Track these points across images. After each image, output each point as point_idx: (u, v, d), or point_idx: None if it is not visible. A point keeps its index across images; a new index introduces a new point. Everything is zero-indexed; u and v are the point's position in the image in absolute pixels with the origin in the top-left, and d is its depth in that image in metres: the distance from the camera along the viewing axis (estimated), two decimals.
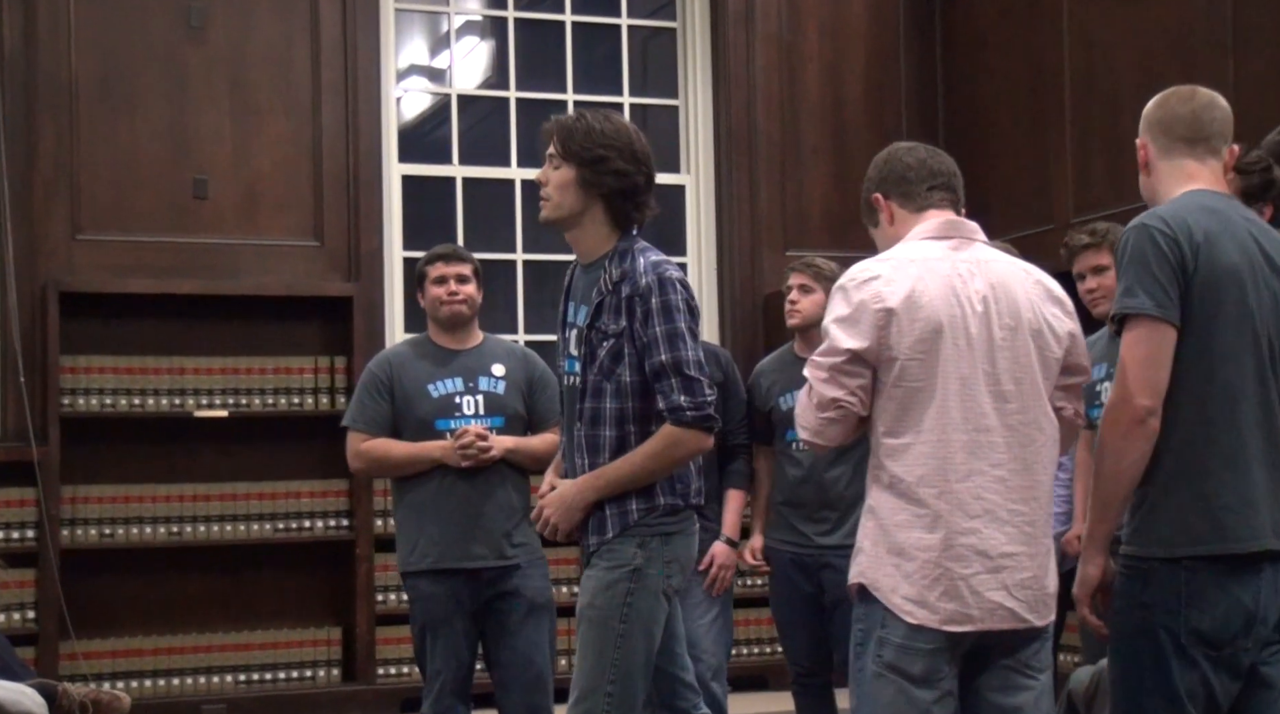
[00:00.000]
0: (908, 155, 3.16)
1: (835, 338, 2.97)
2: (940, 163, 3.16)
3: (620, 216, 3.48)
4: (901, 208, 3.12)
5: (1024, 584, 2.96)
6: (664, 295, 3.37)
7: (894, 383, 2.95)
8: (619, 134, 3.46)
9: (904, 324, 2.94)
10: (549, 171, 3.49)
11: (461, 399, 4.60)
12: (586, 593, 3.43)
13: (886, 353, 2.95)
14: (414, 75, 7.51)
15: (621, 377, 3.40)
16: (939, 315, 2.95)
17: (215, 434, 6.58)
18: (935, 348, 2.94)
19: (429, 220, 7.21)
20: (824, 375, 2.97)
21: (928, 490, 2.93)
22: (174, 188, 6.67)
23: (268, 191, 6.79)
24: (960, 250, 3.05)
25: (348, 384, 6.57)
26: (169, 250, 6.63)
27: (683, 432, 3.37)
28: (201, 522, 6.47)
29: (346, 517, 6.61)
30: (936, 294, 2.97)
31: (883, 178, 3.15)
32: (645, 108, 7.64)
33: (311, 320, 6.74)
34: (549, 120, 3.54)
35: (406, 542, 4.54)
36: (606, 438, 3.42)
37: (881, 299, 2.95)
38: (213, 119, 6.75)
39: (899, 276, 2.97)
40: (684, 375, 3.37)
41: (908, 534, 2.94)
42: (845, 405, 2.97)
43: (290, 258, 6.79)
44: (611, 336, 3.40)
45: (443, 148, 7.31)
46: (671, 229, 7.53)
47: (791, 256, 6.98)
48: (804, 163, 7.49)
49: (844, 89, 7.58)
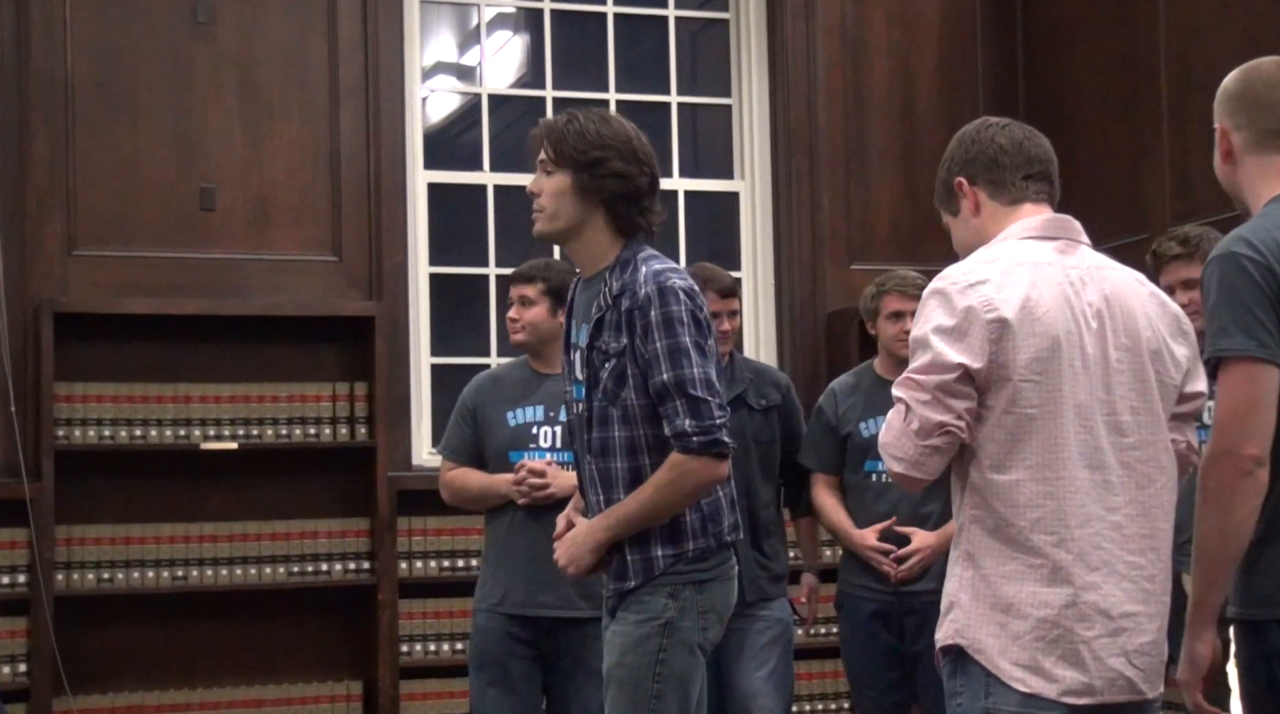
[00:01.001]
0: (1001, 134, 3.01)
1: (940, 351, 2.81)
2: (1038, 147, 3.02)
3: (623, 224, 3.46)
4: (991, 198, 2.99)
5: (1143, 650, 2.87)
6: (665, 306, 3.35)
7: (1005, 408, 2.81)
8: (616, 133, 3.45)
9: (1019, 338, 2.80)
10: (541, 180, 3.49)
11: (539, 430, 4.65)
12: (614, 650, 3.40)
13: (999, 372, 2.80)
14: (441, 74, 7.50)
15: (628, 400, 3.39)
16: (1056, 329, 2.82)
17: (224, 469, 6.57)
18: (1053, 367, 2.82)
19: (458, 232, 7.20)
20: (926, 397, 2.80)
21: (1044, 537, 2.80)
22: (179, 199, 6.67)
23: (281, 202, 6.80)
24: (1068, 254, 2.93)
25: (368, 413, 6.59)
26: (173, 267, 6.64)
27: (690, 460, 3.33)
28: (209, 565, 6.46)
29: (368, 559, 6.60)
30: (1052, 306, 2.84)
31: (969, 159, 3.00)
32: (695, 108, 7.63)
33: (329, 343, 6.74)
34: (537, 125, 3.54)
35: (481, 580, 4.67)
36: (618, 470, 3.42)
37: (994, 307, 2.80)
38: (221, 123, 6.75)
39: (1011, 282, 2.83)
40: (688, 396, 3.33)
41: (1018, 588, 2.81)
42: (953, 431, 2.81)
43: (306, 274, 6.80)
44: (613, 356, 3.39)
45: (473, 153, 7.29)
46: (724, 241, 7.54)
47: (858, 271, 7.11)
48: (870, 167, 7.48)
49: (914, 85, 7.55)
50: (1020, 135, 3.02)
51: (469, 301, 7.20)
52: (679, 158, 7.50)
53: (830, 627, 6.18)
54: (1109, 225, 6.80)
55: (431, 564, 6.62)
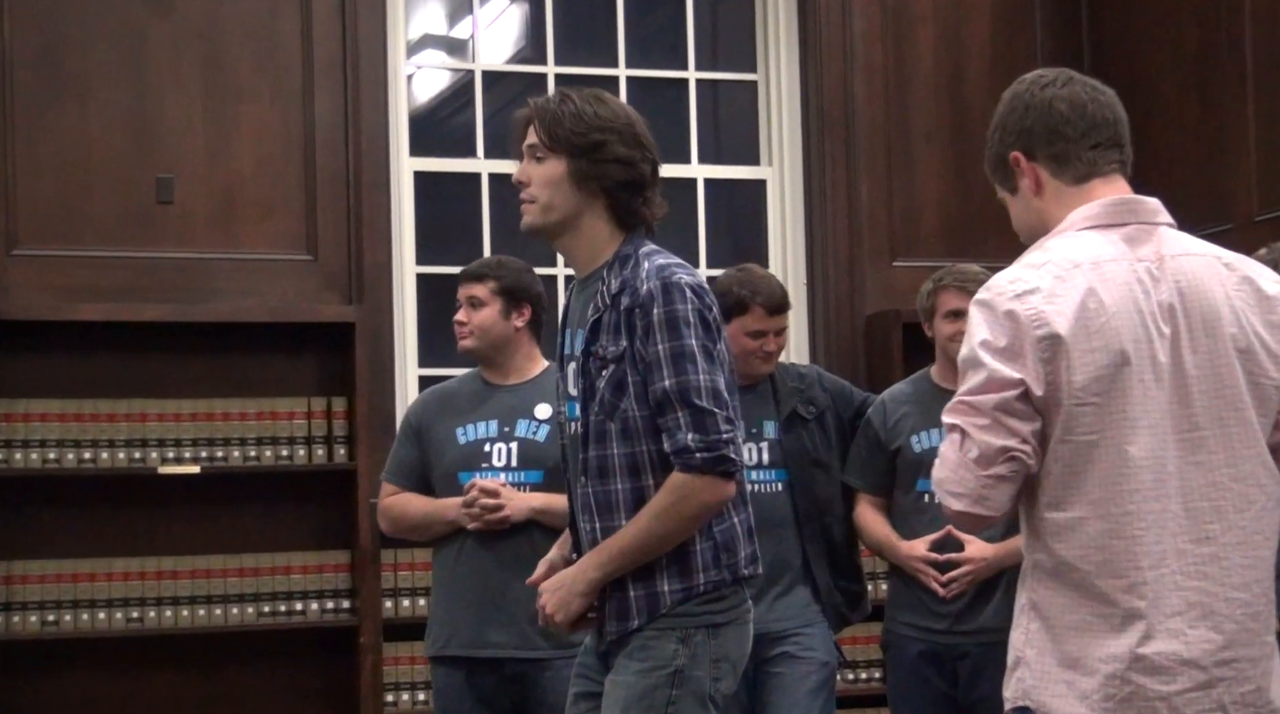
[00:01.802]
0: (1060, 98, 2.91)
1: (995, 368, 2.76)
2: (1105, 107, 2.93)
3: (624, 215, 3.48)
4: (1055, 176, 2.91)
5: (1245, 700, 2.81)
6: (669, 304, 3.34)
7: (1059, 437, 2.76)
8: (617, 115, 3.48)
9: (1075, 357, 2.74)
10: (531, 168, 3.50)
11: (493, 447, 4.65)
12: (616, 704, 3.38)
13: (1052, 395, 2.75)
14: (429, 48, 7.49)
15: (628, 412, 3.38)
16: (1121, 341, 2.77)
17: (185, 496, 6.57)
18: (1118, 386, 2.76)
19: (448, 227, 7.22)
20: (984, 420, 2.76)
21: (1112, 581, 2.76)
22: (133, 190, 6.66)
23: (248, 194, 6.80)
24: (1139, 243, 2.86)
25: (348, 432, 6.58)
26: (126, 268, 6.62)
27: (693, 479, 3.32)
28: (168, 605, 6.44)
29: (348, 597, 6.59)
30: (1117, 311, 2.78)
31: (1024, 128, 2.92)
32: (716, 84, 7.62)
33: (304, 353, 6.76)
34: (525, 106, 3.55)
35: (430, 620, 4.70)
36: (619, 493, 3.40)
37: (1044, 321, 2.75)
38: (181, 105, 6.74)
39: (1064, 289, 2.77)
40: (692, 406, 3.32)
41: (1085, 640, 2.78)
42: (1019, 456, 2.76)
43: (277, 275, 6.79)
44: (611, 362, 3.39)
45: (465, 137, 7.30)
46: (749, 235, 7.54)
47: (901, 269, 7.17)
48: (915, 151, 7.48)
49: (965, 58, 7.55)
50: (1084, 95, 2.92)
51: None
52: (698, 141, 7.50)
53: (874, 671, 6.32)
54: (1188, 215, 6.57)
55: (420, 603, 6.59)
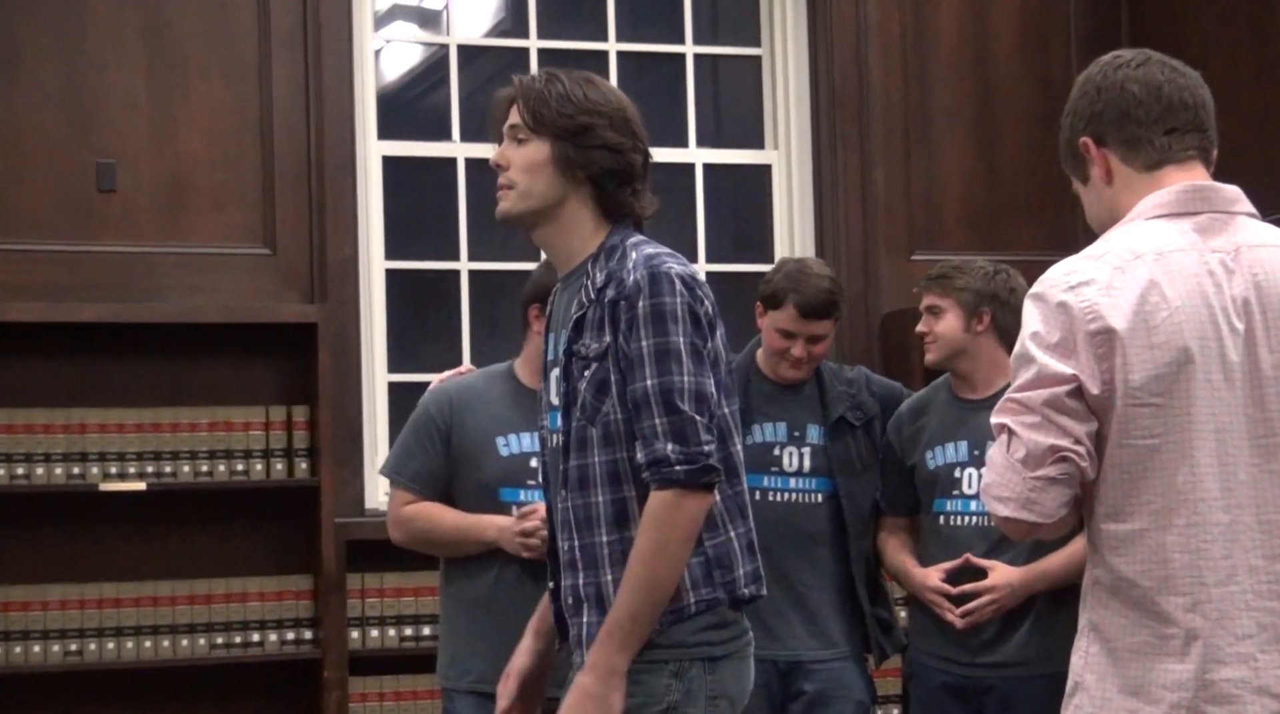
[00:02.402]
0: (1134, 78, 2.95)
1: (1046, 362, 2.81)
2: (1184, 89, 2.97)
3: (611, 206, 3.49)
4: (1126, 163, 2.95)
5: None
6: (656, 297, 3.34)
7: (1116, 441, 2.79)
8: (608, 99, 3.50)
9: (1132, 353, 2.78)
10: (510, 150, 3.51)
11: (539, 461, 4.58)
12: None
13: (1107, 394, 2.79)
14: (398, 20, 7.45)
15: (610, 416, 3.38)
16: (1185, 337, 2.80)
17: (129, 515, 6.53)
18: (1181, 386, 2.79)
19: (421, 217, 7.22)
20: (1033, 418, 2.81)
21: (1175, 600, 2.78)
22: (70, 177, 6.62)
23: (199, 181, 6.76)
24: (1213, 234, 2.88)
25: (310, 444, 6.52)
26: (63, 263, 6.57)
27: (674, 496, 3.29)
28: (110, 637, 6.39)
29: (310, 627, 6.54)
30: (1182, 305, 2.81)
31: (1095, 113, 2.96)
32: (716, 60, 7.61)
33: (261, 357, 6.73)
34: (510, 84, 3.57)
35: (449, 648, 4.65)
36: (599, 505, 3.40)
37: (1098, 315, 2.79)
38: (123, 83, 6.69)
39: (1123, 281, 2.81)
40: (673, 410, 3.30)
41: (1148, 664, 2.80)
42: (1070, 456, 2.79)
43: (231, 271, 6.75)
44: (594, 360, 3.40)
45: (439, 119, 7.29)
46: (753, 225, 7.55)
47: (920, 263, 7.10)
48: (935, 133, 7.45)
49: (991, 30, 7.52)
50: (1160, 77, 2.96)
51: (435, 304, 7.24)
52: (696, 123, 7.48)
53: (892, 708, 6.48)
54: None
55: (389, 632, 6.59)
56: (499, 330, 7.20)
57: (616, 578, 3.36)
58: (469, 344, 7.09)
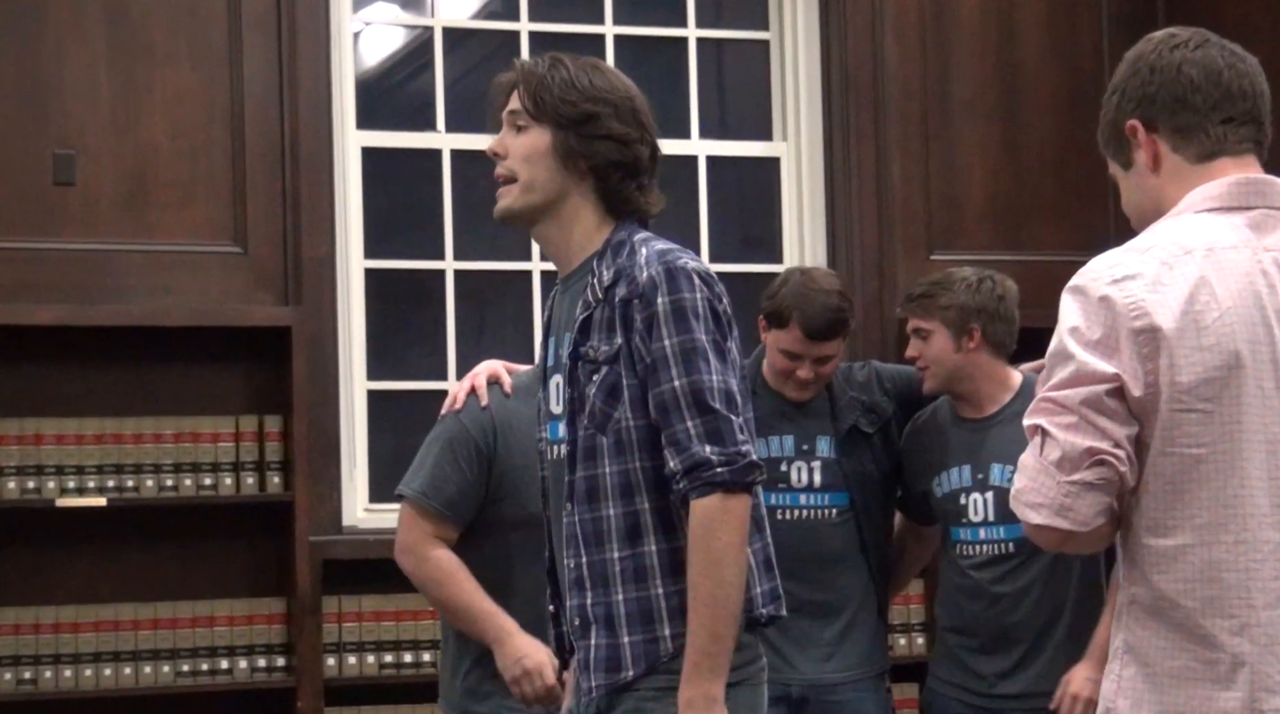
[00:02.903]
0: (1191, 61, 2.91)
1: (1085, 360, 2.78)
2: (1244, 76, 2.93)
3: (615, 202, 3.52)
4: (1176, 151, 2.92)
5: None
6: (675, 292, 3.37)
7: (1160, 449, 2.77)
8: (615, 87, 3.53)
9: (1179, 355, 2.76)
10: (509, 138, 3.54)
11: None
12: None
13: (1151, 397, 2.77)
14: (379, 1, 7.44)
15: (622, 422, 3.40)
16: (1236, 340, 2.79)
17: (89, 533, 6.51)
18: (1231, 392, 2.78)
19: (403, 213, 7.23)
20: (1070, 417, 2.77)
21: (1221, 622, 2.76)
22: (25, 169, 6.60)
23: (164, 173, 6.73)
24: (1267, 231, 2.87)
25: (283, 457, 6.52)
26: (17, 261, 6.54)
27: (720, 500, 3.31)
28: (68, 664, 6.38)
29: (283, 653, 6.53)
30: (1233, 305, 2.80)
31: (1148, 95, 2.94)
32: (720, 44, 7.62)
33: (231, 363, 6.73)
34: (511, 68, 3.60)
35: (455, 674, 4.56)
36: (610, 520, 3.42)
37: (1144, 311, 2.77)
38: (82, 67, 6.67)
39: (1171, 277, 2.80)
40: (707, 411, 3.33)
41: (1190, 692, 2.78)
42: (1109, 460, 2.76)
43: (199, 271, 6.73)
44: (604, 363, 3.42)
45: (422, 107, 7.30)
46: (760, 221, 7.56)
47: (939, 263, 7.14)
48: (956, 124, 7.45)
49: (1016, 12, 7.53)
50: (1220, 61, 2.93)
51: (418, 307, 7.25)
52: (699, 112, 7.48)
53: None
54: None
55: (368, 659, 6.58)
56: (486, 335, 7.22)
57: (629, 597, 3.37)
58: (454, 349, 7.08)
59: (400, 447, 6.49)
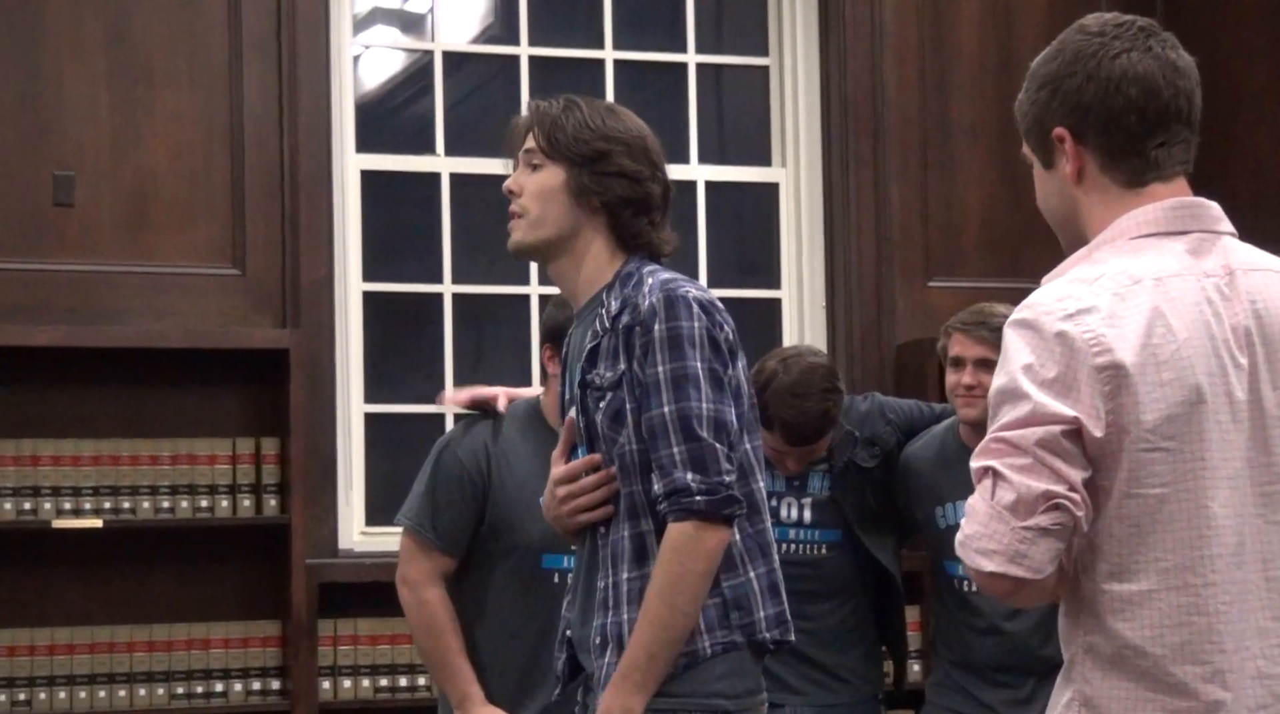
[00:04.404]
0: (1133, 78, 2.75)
1: (1041, 402, 2.64)
2: (1181, 92, 2.77)
3: (627, 237, 3.59)
4: (1104, 171, 2.78)
5: None
6: (672, 320, 3.42)
7: (1125, 491, 2.65)
8: (627, 127, 3.60)
9: (1142, 392, 2.65)
10: (524, 176, 3.61)
11: None
12: None
13: (1115, 438, 2.65)
14: (379, 24, 7.48)
15: (626, 447, 3.46)
16: (1195, 374, 2.68)
17: (84, 554, 6.51)
18: (1194, 429, 2.68)
19: (402, 236, 7.23)
20: (1024, 460, 2.63)
21: (1191, 669, 2.66)
22: (24, 190, 6.61)
23: (163, 195, 6.74)
24: (1203, 255, 2.76)
25: (280, 479, 6.51)
26: (16, 282, 6.56)
27: (694, 529, 3.36)
28: (62, 686, 6.37)
29: (278, 676, 6.54)
30: (1188, 337, 2.70)
31: (1080, 104, 2.77)
32: (719, 70, 7.63)
33: (228, 385, 6.73)
34: (527, 110, 3.69)
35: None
36: (621, 542, 3.48)
37: (1106, 347, 2.65)
38: (82, 89, 6.67)
39: (1126, 309, 2.68)
40: (692, 438, 3.38)
41: None
42: (1065, 505, 2.62)
43: (197, 293, 6.74)
44: (608, 389, 3.48)
45: (421, 131, 7.30)
46: (758, 248, 7.57)
47: (937, 290, 7.19)
48: (956, 149, 7.46)
49: (1016, 39, 7.50)
50: (1160, 78, 2.76)
51: (416, 330, 7.22)
52: (698, 137, 7.49)
53: None
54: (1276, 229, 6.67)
55: (364, 683, 6.57)
56: (485, 359, 7.21)
57: (632, 616, 3.41)
58: (452, 374, 7.08)
59: (397, 470, 6.54)
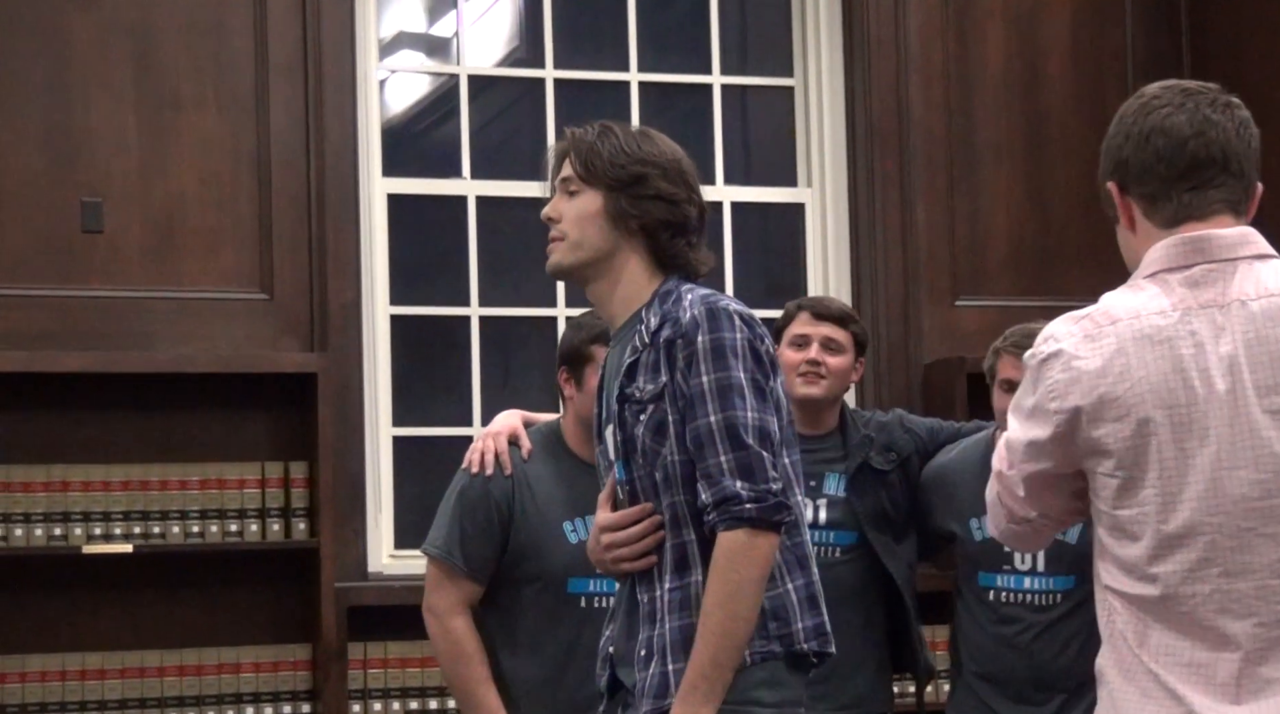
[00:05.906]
0: (1160, 130, 2.96)
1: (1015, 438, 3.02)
2: (1213, 143, 2.95)
3: (664, 259, 3.64)
4: (1147, 216, 2.99)
5: None
6: (715, 332, 3.48)
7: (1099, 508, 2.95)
8: (662, 151, 3.65)
9: (1094, 431, 2.88)
10: (563, 203, 3.67)
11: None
12: None
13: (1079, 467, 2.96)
14: (405, 49, 7.49)
15: (668, 459, 3.50)
16: (1146, 407, 2.85)
17: (115, 579, 6.52)
18: (1146, 459, 2.86)
19: (429, 260, 7.25)
20: (1019, 491, 3.04)
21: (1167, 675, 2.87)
22: (53, 217, 6.63)
23: (191, 221, 6.76)
24: (1205, 286, 2.91)
25: (309, 503, 6.53)
26: (46, 309, 6.58)
27: (745, 536, 3.39)
28: (94, 711, 6.37)
29: (308, 700, 6.54)
30: (1145, 373, 2.86)
31: (1121, 160, 3.00)
32: (744, 91, 7.62)
33: (257, 409, 6.75)
34: (562, 137, 3.74)
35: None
36: (664, 552, 3.52)
37: (1059, 394, 2.90)
38: (110, 116, 6.70)
39: (1089, 351, 2.89)
40: (740, 446, 3.42)
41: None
42: (1043, 529, 3.11)
43: (225, 318, 6.76)
44: (649, 402, 3.52)
45: (447, 154, 7.31)
46: (784, 268, 7.60)
47: (964, 309, 7.21)
48: (982, 169, 7.47)
49: (1041, 58, 7.54)
50: (1186, 130, 2.96)
51: (443, 353, 7.24)
52: (724, 158, 7.50)
53: None
54: None
55: (394, 706, 6.59)
56: (511, 381, 7.21)
57: (673, 626, 3.45)
58: (479, 396, 7.08)
59: (425, 493, 6.48)
